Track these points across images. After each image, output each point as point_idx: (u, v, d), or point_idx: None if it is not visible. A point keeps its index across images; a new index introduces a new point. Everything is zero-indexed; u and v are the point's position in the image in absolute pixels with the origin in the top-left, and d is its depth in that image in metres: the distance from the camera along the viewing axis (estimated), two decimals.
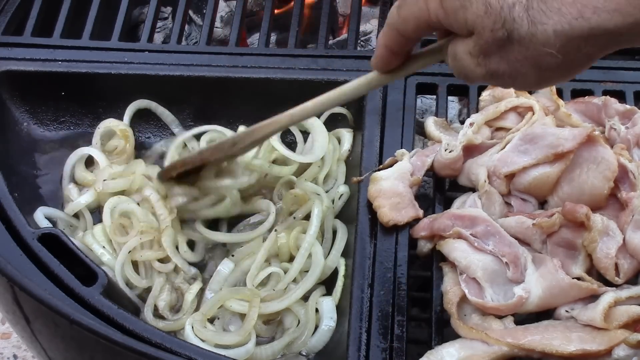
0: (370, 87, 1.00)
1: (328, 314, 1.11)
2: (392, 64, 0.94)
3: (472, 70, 0.84)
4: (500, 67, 0.81)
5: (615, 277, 1.02)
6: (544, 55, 0.78)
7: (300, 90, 1.31)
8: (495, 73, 0.82)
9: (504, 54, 0.80)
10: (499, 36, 0.79)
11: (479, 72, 0.83)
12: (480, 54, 0.82)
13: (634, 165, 1.09)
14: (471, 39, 0.82)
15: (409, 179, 1.16)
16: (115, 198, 1.22)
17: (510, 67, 0.81)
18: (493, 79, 0.84)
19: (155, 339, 0.98)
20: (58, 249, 1.06)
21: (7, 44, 1.38)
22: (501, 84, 0.86)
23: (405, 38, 0.89)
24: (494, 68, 0.82)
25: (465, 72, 0.85)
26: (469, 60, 0.83)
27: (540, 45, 0.77)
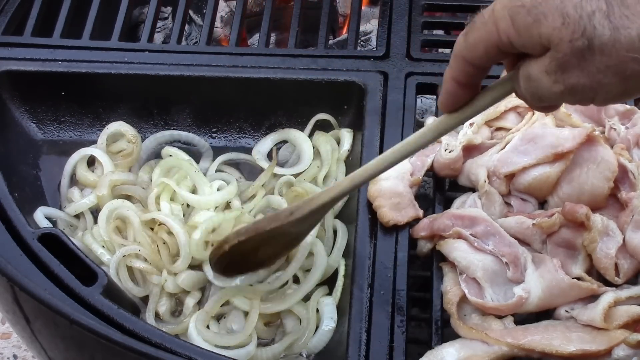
0: (438, 133, 0.92)
1: (328, 314, 1.11)
2: (462, 99, 0.87)
3: (549, 89, 0.78)
4: (580, 80, 0.76)
5: (615, 277, 1.02)
6: (628, 61, 0.73)
7: (300, 90, 1.32)
8: (574, 88, 0.77)
9: (585, 66, 0.75)
10: (578, 46, 0.74)
11: (556, 89, 0.77)
12: (558, 70, 0.76)
13: (634, 165, 1.09)
14: (546, 56, 0.77)
15: (409, 179, 1.16)
16: (118, 201, 1.22)
17: (591, 79, 0.76)
18: (572, 95, 0.78)
19: (155, 339, 0.98)
20: (58, 249, 1.06)
21: (7, 44, 1.38)
22: (581, 100, 0.79)
23: (475, 67, 0.84)
24: (573, 83, 0.76)
25: (540, 92, 0.79)
26: (544, 79, 0.77)
27: (624, 50, 0.73)
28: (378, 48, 1.38)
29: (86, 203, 1.24)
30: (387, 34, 1.39)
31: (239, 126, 1.36)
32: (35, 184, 1.30)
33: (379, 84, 1.30)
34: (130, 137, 1.29)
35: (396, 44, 1.38)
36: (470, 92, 0.87)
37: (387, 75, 1.32)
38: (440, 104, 0.89)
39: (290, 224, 1.02)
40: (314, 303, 1.12)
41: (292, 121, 1.35)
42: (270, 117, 1.36)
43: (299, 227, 1.04)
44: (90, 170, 1.29)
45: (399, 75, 1.33)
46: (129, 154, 1.28)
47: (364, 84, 1.30)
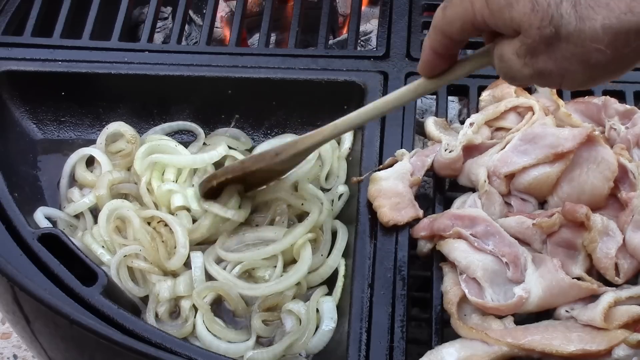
0: (417, 94, 0.99)
1: (328, 314, 1.11)
2: (439, 67, 0.92)
3: (519, 70, 0.82)
4: (547, 66, 0.80)
5: (615, 277, 1.02)
6: (592, 51, 0.77)
7: (300, 90, 1.32)
8: (542, 72, 0.81)
9: (552, 53, 0.78)
10: (546, 34, 0.77)
11: (526, 72, 0.82)
12: (527, 54, 0.80)
13: (634, 165, 1.09)
14: (517, 39, 0.80)
15: (409, 179, 1.16)
16: (118, 201, 1.22)
17: (558, 65, 0.79)
18: (540, 78, 0.82)
19: (155, 339, 0.98)
20: (58, 249, 1.06)
21: (7, 44, 1.38)
22: (549, 83, 0.84)
23: (451, 40, 0.88)
24: (541, 67, 0.80)
25: (511, 73, 0.83)
26: (515, 60, 0.81)
27: (589, 41, 0.76)
28: (378, 48, 1.39)
29: (85, 203, 1.24)
30: (387, 34, 1.39)
31: (239, 126, 1.36)
32: (35, 184, 1.30)
33: (379, 84, 1.30)
34: (130, 138, 1.29)
35: (396, 44, 1.38)
36: (447, 62, 0.92)
37: (387, 75, 1.32)
38: (419, 69, 0.94)
39: (275, 164, 1.12)
40: (313, 303, 1.11)
41: (292, 121, 1.35)
42: (270, 117, 1.36)
43: (283, 165, 1.15)
44: (89, 170, 1.29)
45: (399, 75, 1.33)
46: (128, 154, 1.28)
47: (364, 84, 1.30)
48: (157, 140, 1.29)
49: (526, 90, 1.25)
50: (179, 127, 1.35)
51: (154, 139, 1.29)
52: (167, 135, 1.34)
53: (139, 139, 1.30)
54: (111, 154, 1.30)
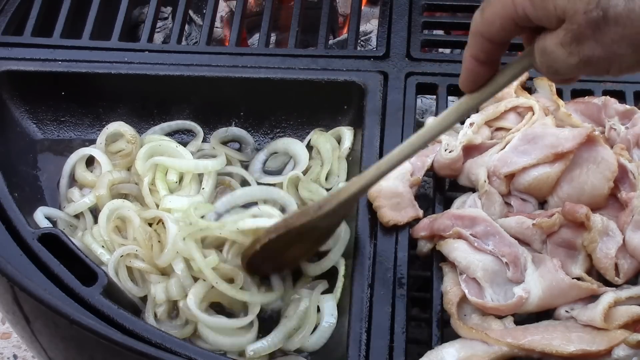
0: (460, 115, 0.93)
1: (329, 311, 1.11)
2: (482, 77, 0.88)
3: (564, 61, 0.78)
4: (595, 52, 0.76)
5: (615, 277, 1.02)
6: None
7: (300, 90, 1.32)
8: (589, 59, 0.77)
9: (599, 37, 0.75)
10: (593, 17, 0.74)
11: (571, 61, 0.78)
12: (573, 42, 0.77)
13: (633, 165, 1.09)
14: (561, 28, 0.77)
15: (409, 179, 1.16)
16: (119, 201, 1.22)
17: (606, 50, 0.76)
18: (587, 66, 0.78)
19: (155, 339, 0.98)
20: (58, 249, 1.06)
21: (7, 44, 1.38)
22: (595, 71, 0.80)
23: (493, 43, 0.84)
24: (588, 54, 0.77)
25: (555, 65, 0.80)
26: (559, 51, 0.78)
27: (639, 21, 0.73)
28: (378, 48, 1.38)
29: (86, 202, 1.24)
30: (387, 34, 1.39)
31: (239, 126, 1.36)
32: (35, 184, 1.30)
33: (379, 84, 1.30)
34: (130, 138, 1.29)
35: (396, 44, 1.38)
36: (490, 70, 0.88)
37: (387, 75, 1.32)
38: (461, 83, 0.90)
39: (319, 218, 1.03)
40: (315, 298, 1.11)
41: (292, 121, 1.35)
42: (270, 117, 1.36)
43: (329, 220, 1.05)
44: (89, 170, 1.29)
45: (399, 75, 1.33)
46: (128, 154, 1.28)
47: (364, 84, 1.30)
48: (157, 140, 1.29)
49: (526, 90, 1.25)
50: (178, 126, 1.35)
51: (154, 139, 1.29)
52: (167, 135, 1.34)
53: (139, 139, 1.30)
54: (111, 154, 1.30)
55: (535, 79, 1.25)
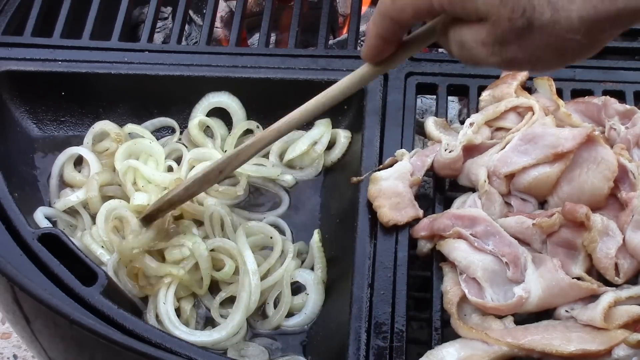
0: (363, 82, 0.97)
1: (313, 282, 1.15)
2: (386, 53, 0.90)
3: (485, 58, 0.79)
4: (518, 55, 0.77)
5: (615, 277, 1.02)
6: (567, 41, 0.74)
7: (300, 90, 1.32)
8: (512, 61, 0.78)
9: (523, 43, 0.76)
10: (517, 25, 0.74)
11: (493, 60, 0.79)
12: (496, 44, 0.77)
13: (634, 165, 1.09)
14: (482, 27, 0.77)
15: (409, 179, 1.16)
16: (115, 201, 1.22)
17: (529, 54, 0.77)
18: (509, 66, 0.80)
19: (155, 339, 0.98)
20: (58, 249, 1.06)
21: (7, 44, 1.38)
22: (518, 70, 0.82)
23: (400, 26, 0.85)
24: (511, 56, 0.78)
25: (475, 60, 0.81)
26: (480, 49, 0.78)
27: (564, 32, 0.74)
28: None
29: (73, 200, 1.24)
30: None
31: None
32: (35, 184, 1.30)
33: (379, 84, 1.30)
34: (115, 136, 1.29)
35: None
36: (393, 47, 0.90)
37: (387, 75, 1.32)
38: (364, 55, 0.92)
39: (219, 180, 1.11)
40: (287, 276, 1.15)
41: None
42: (270, 117, 1.35)
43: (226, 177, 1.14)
44: (77, 170, 1.30)
45: (399, 75, 1.33)
46: (114, 152, 1.28)
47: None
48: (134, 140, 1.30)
49: (526, 90, 1.25)
50: (161, 123, 1.36)
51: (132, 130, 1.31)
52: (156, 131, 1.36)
53: (124, 137, 1.30)
54: (98, 153, 1.30)
55: (535, 79, 1.25)
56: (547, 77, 1.24)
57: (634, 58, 1.38)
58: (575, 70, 1.32)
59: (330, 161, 1.31)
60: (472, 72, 1.33)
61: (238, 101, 1.33)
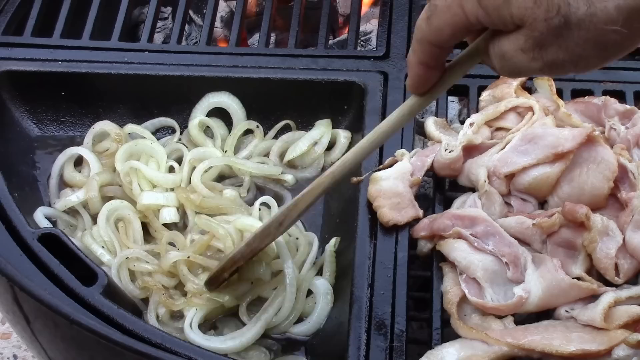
0: (411, 115, 0.93)
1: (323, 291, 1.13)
2: (431, 80, 0.87)
3: (527, 66, 0.78)
4: (559, 56, 0.76)
5: (615, 277, 1.02)
6: (607, 33, 0.73)
7: (300, 90, 1.32)
8: (554, 63, 0.77)
9: (562, 42, 0.75)
10: (554, 24, 0.73)
11: (535, 66, 0.77)
12: (535, 48, 0.76)
13: (634, 165, 1.09)
14: (520, 34, 0.76)
15: (409, 179, 1.16)
16: (117, 202, 1.22)
17: (570, 53, 0.75)
18: (552, 69, 0.78)
19: (155, 339, 0.98)
20: (58, 249, 1.06)
21: (7, 44, 1.38)
22: (561, 72, 0.79)
23: (441, 48, 0.83)
24: (552, 58, 0.76)
25: (518, 69, 0.79)
26: (521, 56, 0.77)
27: (602, 24, 0.72)
28: (378, 48, 1.39)
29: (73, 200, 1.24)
30: (387, 34, 1.39)
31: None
32: (35, 184, 1.30)
33: (379, 84, 1.30)
34: (115, 137, 1.29)
35: (396, 44, 1.38)
36: (438, 72, 0.87)
37: (387, 75, 1.32)
38: (409, 87, 0.89)
39: (281, 234, 1.06)
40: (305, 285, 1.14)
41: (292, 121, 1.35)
42: (270, 117, 1.36)
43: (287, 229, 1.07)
44: (77, 170, 1.30)
45: (399, 75, 1.33)
46: (114, 153, 1.28)
47: (364, 84, 1.30)
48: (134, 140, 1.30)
49: (526, 90, 1.25)
50: (161, 123, 1.36)
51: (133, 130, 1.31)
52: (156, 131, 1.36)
53: (124, 138, 1.30)
54: (98, 153, 1.30)
55: (535, 79, 1.25)
56: (547, 77, 1.24)
57: (634, 58, 1.38)
58: None
59: (331, 161, 1.31)
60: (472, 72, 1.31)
61: (238, 101, 1.33)
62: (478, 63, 0.85)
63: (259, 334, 1.10)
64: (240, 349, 1.09)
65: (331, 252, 1.17)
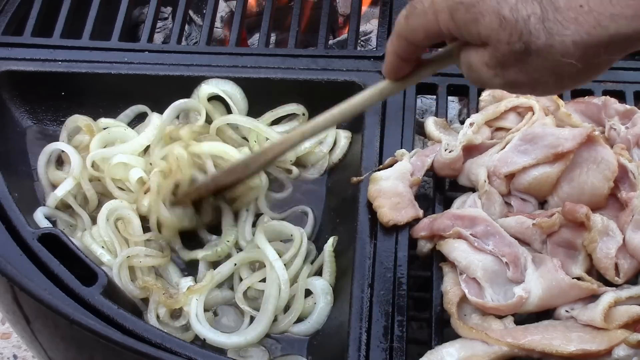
0: (382, 96, 0.99)
1: (322, 290, 1.14)
2: (403, 71, 0.93)
3: (490, 79, 0.83)
4: (518, 77, 0.81)
5: (615, 277, 1.02)
6: (563, 65, 0.77)
7: (300, 90, 1.32)
8: (514, 83, 0.82)
9: (522, 66, 0.80)
10: (516, 49, 0.78)
11: (497, 82, 0.83)
12: (498, 66, 0.81)
13: (634, 165, 1.09)
14: (486, 50, 0.81)
15: (409, 179, 1.16)
16: (116, 201, 1.22)
17: (529, 77, 0.80)
18: (512, 87, 0.84)
19: (155, 339, 0.98)
20: (58, 249, 1.06)
21: (7, 44, 1.38)
22: (521, 92, 0.87)
23: (415, 46, 0.89)
24: (512, 79, 0.81)
25: (482, 81, 0.84)
26: (485, 70, 0.82)
27: (559, 55, 0.77)
28: (378, 48, 1.39)
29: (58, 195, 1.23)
30: (387, 34, 1.39)
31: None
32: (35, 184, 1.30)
33: None
34: (85, 128, 1.29)
35: None
36: (411, 65, 0.93)
37: None
38: (384, 71, 0.95)
39: (246, 175, 1.14)
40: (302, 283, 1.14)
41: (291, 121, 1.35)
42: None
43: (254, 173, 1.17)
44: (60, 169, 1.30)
45: None
46: (87, 146, 1.28)
47: (364, 84, 1.30)
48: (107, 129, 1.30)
49: None
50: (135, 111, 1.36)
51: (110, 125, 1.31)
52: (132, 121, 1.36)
53: (96, 128, 1.29)
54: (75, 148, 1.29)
55: None
56: None
57: (634, 58, 1.38)
58: None
59: (332, 162, 1.31)
60: None
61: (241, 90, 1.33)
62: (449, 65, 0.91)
63: (265, 332, 1.11)
64: (245, 345, 1.10)
65: (330, 251, 1.17)
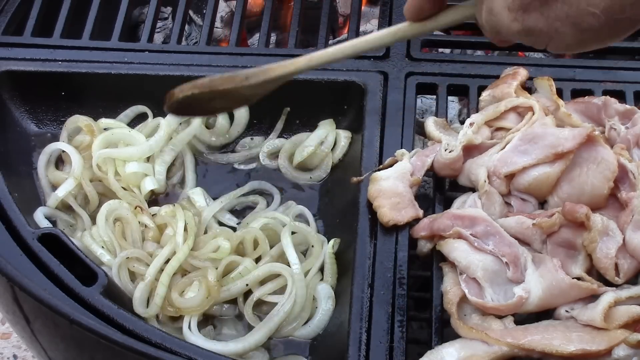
0: (396, 38, 0.96)
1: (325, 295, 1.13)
2: (426, 10, 0.90)
3: (507, 25, 0.81)
4: (538, 24, 0.79)
5: (615, 277, 1.02)
6: (586, 14, 0.76)
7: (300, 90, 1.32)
8: (531, 30, 0.80)
9: (545, 11, 0.78)
10: None
11: (514, 27, 0.81)
12: (520, 9, 0.79)
13: (634, 165, 1.09)
14: None
15: (409, 179, 1.16)
16: (116, 202, 1.22)
17: (549, 25, 0.78)
18: (528, 36, 0.81)
19: (155, 339, 0.98)
20: (58, 249, 1.06)
21: (7, 44, 1.38)
22: (535, 42, 0.82)
23: None
24: (531, 25, 0.79)
25: (498, 27, 0.82)
26: (506, 14, 0.80)
27: (585, 3, 0.75)
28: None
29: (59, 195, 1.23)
30: None
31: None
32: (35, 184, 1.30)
33: (379, 84, 1.30)
34: (85, 128, 1.29)
35: (396, 44, 1.38)
36: (435, 6, 0.90)
37: (387, 75, 1.32)
38: (405, 11, 0.92)
39: (244, 88, 1.06)
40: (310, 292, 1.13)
41: (292, 122, 1.35)
42: (270, 116, 1.36)
43: (253, 90, 1.07)
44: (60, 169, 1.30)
45: (399, 75, 1.33)
46: (89, 145, 1.28)
47: (364, 84, 1.30)
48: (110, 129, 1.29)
49: (526, 90, 1.25)
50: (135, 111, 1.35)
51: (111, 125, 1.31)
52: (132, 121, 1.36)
53: (97, 128, 1.29)
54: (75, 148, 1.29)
55: (535, 79, 1.25)
56: (547, 77, 1.24)
57: (634, 58, 1.38)
58: (575, 70, 1.32)
59: (332, 162, 1.30)
60: (472, 72, 1.33)
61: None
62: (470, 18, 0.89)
63: (262, 341, 1.10)
64: (243, 353, 1.09)
65: (330, 254, 1.17)
